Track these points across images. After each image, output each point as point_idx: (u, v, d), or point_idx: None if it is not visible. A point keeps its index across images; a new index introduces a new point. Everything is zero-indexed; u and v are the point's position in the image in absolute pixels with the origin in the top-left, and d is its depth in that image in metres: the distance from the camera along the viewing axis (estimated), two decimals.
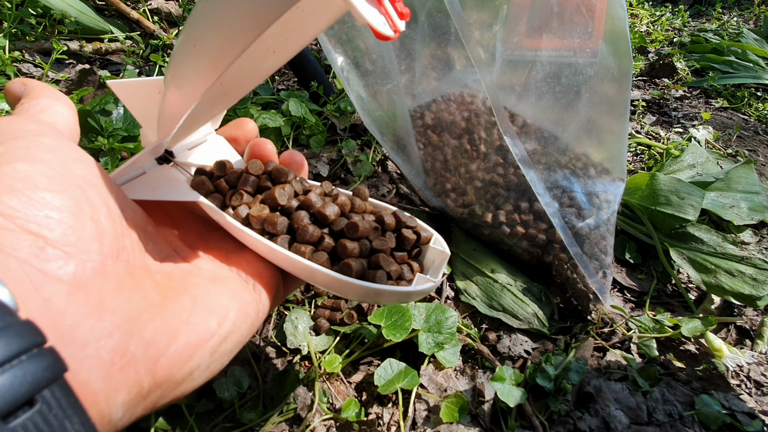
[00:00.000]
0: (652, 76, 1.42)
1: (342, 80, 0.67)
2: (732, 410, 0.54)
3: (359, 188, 0.38)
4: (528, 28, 0.62)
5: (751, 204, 0.81)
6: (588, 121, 0.66)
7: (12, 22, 0.96)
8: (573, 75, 0.63)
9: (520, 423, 0.51)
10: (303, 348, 0.54)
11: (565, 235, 0.61)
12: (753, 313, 0.68)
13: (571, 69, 0.63)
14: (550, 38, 0.61)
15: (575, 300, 0.63)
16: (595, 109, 0.65)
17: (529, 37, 0.62)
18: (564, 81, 0.63)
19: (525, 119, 0.69)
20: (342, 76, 0.66)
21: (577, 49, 0.62)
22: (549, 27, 0.61)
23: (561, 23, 0.61)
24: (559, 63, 0.63)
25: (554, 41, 0.61)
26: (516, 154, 0.61)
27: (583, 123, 0.66)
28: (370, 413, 0.50)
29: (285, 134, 0.83)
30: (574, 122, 0.66)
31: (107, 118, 0.71)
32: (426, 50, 0.69)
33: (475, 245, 0.69)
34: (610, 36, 0.60)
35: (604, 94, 0.65)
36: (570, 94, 0.64)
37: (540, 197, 0.61)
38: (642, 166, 0.98)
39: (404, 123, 0.73)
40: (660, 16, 1.96)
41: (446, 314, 0.55)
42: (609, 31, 0.60)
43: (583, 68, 0.62)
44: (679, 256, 0.70)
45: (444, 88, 0.75)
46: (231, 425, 0.48)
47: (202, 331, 0.24)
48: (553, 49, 0.61)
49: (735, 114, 1.25)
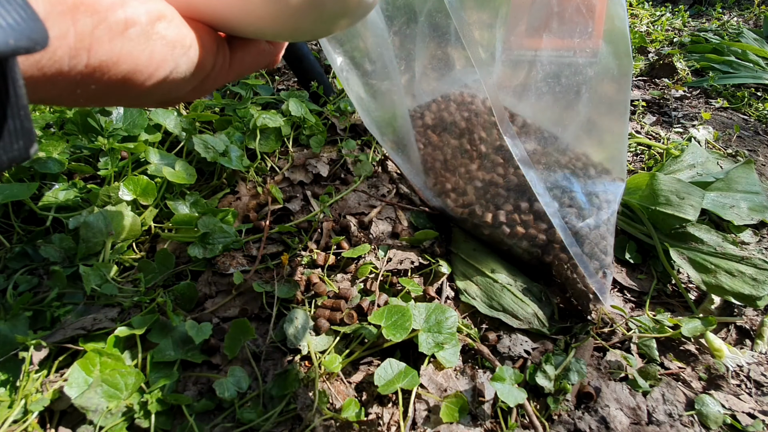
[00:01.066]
0: (652, 76, 1.42)
1: (342, 80, 0.67)
2: (732, 410, 0.54)
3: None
4: (528, 27, 0.62)
5: (751, 204, 0.81)
6: (588, 121, 0.66)
7: None
8: (573, 75, 0.63)
9: (520, 423, 0.51)
10: (303, 348, 0.54)
11: (565, 235, 0.61)
12: (753, 313, 0.68)
13: (571, 69, 0.62)
14: (550, 38, 0.61)
15: (575, 300, 0.63)
16: (595, 109, 0.65)
17: (529, 37, 0.62)
18: (564, 81, 0.63)
19: (525, 119, 0.69)
20: (341, 76, 0.66)
21: (577, 49, 0.62)
22: (549, 27, 0.61)
23: (561, 23, 0.61)
24: (559, 63, 0.63)
25: (554, 41, 0.61)
26: (516, 155, 0.61)
27: (583, 123, 0.66)
28: (370, 413, 0.50)
29: (285, 134, 0.83)
30: (574, 122, 0.66)
31: (107, 118, 0.72)
32: (426, 50, 0.69)
33: (475, 245, 0.69)
34: (610, 36, 0.60)
35: (604, 94, 0.65)
36: (570, 94, 0.63)
37: (540, 197, 0.61)
38: (642, 166, 0.98)
39: (404, 123, 0.73)
40: (660, 16, 1.96)
41: (446, 314, 0.55)
42: (609, 31, 0.60)
43: (583, 68, 0.62)
44: (679, 256, 0.70)
45: (444, 88, 0.75)
46: (231, 425, 0.48)
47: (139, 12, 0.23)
48: (553, 49, 0.61)
49: (735, 114, 1.25)
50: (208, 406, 0.49)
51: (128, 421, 0.46)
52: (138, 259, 0.63)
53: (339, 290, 0.63)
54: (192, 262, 0.64)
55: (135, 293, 0.58)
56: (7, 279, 0.57)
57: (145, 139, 0.73)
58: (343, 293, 0.62)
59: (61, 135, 0.71)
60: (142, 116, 0.74)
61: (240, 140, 0.79)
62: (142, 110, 0.75)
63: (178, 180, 0.66)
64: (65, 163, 0.66)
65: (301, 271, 0.65)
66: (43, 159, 0.65)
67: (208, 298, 0.61)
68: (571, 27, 0.60)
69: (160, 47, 0.25)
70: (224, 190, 0.75)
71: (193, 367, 0.53)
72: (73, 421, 0.47)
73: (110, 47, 0.22)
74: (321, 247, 0.68)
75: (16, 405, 0.46)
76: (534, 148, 0.66)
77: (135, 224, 0.64)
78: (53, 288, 0.56)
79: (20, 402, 0.46)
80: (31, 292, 0.57)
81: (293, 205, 0.74)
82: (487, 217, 0.67)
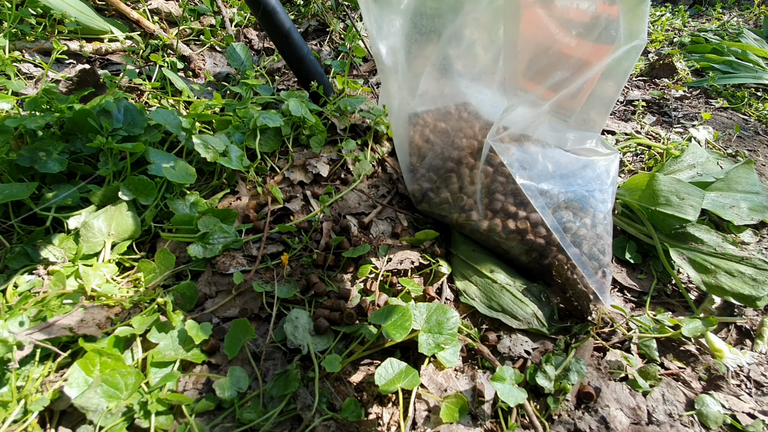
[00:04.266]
0: (652, 76, 1.42)
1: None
2: (732, 410, 0.54)
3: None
4: (527, 70, 0.63)
5: (751, 204, 0.81)
6: (585, 120, 0.67)
7: (12, 22, 0.96)
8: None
9: (520, 423, 0.51)
10: (303, 348, 0.54)
11: (561, 237, 0.61)
12: (753, 313, 0.68)
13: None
14: (542, 88, 0.62)
15: (575, 300, 0.63)
16: (596, 110, 0.65)
17: (525, 79, 0.63)
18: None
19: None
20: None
21: (558, 105, 0.64)
22: (543, 76, 0.62)
23: (556, 77, 0.61)
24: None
25: (545, 91, 0.62)
26: (506, 161, 0.61)
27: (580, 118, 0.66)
28: (370, 413, 0.50)
29: (285, 134, 0.83)
30: (573, 123, 0.66)
31: (107, 118, 0.71)
32: (431, 57, 0.69)
33: (474, 246, 0.69)
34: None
35: (602, 96, 0.65)
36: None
37: (533, 201, 0.61)
38: (642, 166, 0.98)
39: (402, 125, 0.73)
40: (660, 16, 1.96)
41: (447, 315, 0.55)
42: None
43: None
44: (679, 256, 0.70)
45: (445, 93, 0.75)
46: (231, 425, 0.48)
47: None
48: (543, 98, 0.63)
49: (735, 114, 1.25)
50: (208, 406, 0.49)
51: (128, 421, 0.46)
52: (138, 259, 0.63)
53: (339, 290, 0.63)
54: (192, 262, 0.64)
55: (135, 293, 0.58)
56: (7, 279, 0.57)
57: (145, 139, 0.73)
58: (343, 293, 0.62)
59: (61, 135, 0.71)
60: (142, 116, 0.74)
61: (240, 140, 0.79)
62: (142, 110, 0.75)
63: (178, 180, 0.66)
64: (65, 163, 0.66)
65: (301, 271, 0.65)
66: (43, 159, 0.65)
67: (208, 298, 0.61)
68: (560, 83, 0.61)
69: None
70: (224, 190, 0.75)
71: (193, 367, 0.53)
72: (73, 421, 0.47)
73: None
74: (321, 247, 0.68)
75: (13, 405, 0.46)
76: (530, 150, 0.66)
77: (135, 224, 0.64)
78: (53, 287, 0.56)
79: (20, 402, 0.46)
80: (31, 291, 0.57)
81: (293, 205, 0.74)
82: (484, 224, 0.67)
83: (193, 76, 1.03)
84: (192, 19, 1.22)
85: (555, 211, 0.64)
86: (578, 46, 0.58)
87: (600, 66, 0.58)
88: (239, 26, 1.24)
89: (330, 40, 1.28)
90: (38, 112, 0.73)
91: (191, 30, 1.18)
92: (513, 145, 0.65)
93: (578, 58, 0.59)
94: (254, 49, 1.20)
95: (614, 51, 0.57)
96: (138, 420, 0.46)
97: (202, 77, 1.04)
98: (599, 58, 0.58)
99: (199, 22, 1.23)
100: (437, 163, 0.72)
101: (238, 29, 1.21)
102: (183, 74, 1.03)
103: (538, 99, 0.61)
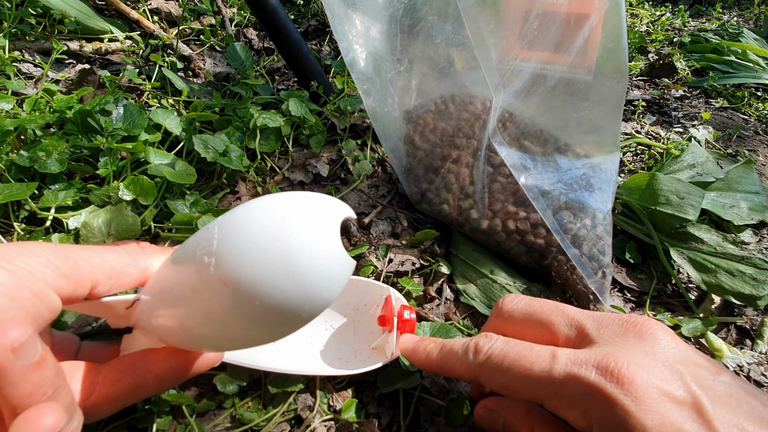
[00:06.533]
0: (652, 76, 1.42)
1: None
2: None
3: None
4: (521, 39, 0.62)
5: (751, 204, 0.81)
6: (587, 121, 0.67)
7: (12, 22, 0.96)
8: (567, 87, 0.63)
9: None
10: None
11: (561, 239, 0.61)
12: (753, 313, 0.68)
13: (566, 82, 0.63)
14: (545, 52, 0.61)
15: (575, 300, 0.63)
16: (596, 110, 0.65)
17: (523, 48, 0.62)
18: (559, 93, 0.64)
19: (523, 120, 0.68)
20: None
21: (571, 65, 0.62)
22: (544, 40, 0.61)
23: (555, 38, 0.61)
24: (554, 75, 0.63)
25: (549, 55, 0.61)
26: (507, 161, 0.61)
27: (583, 125, 0.66)
28: (370, 414, 0.50)
29: (285, 134, 0.83)
30: (573, 124, 0.66)
31: (107, 118, 0.71)
32: (425, 52, 0.69)
33: (475, 246, 0.69)
34: (604, 54, 0.61)
35: (602, 96, 0.65)
36: (567, 104, 0.64)
37: (535, 202, 0.61)
38: (642, 166, 0.98)
39: (394, 128, 0.73)
40: (660, 16, 1.96)
41: (450, 335, 0.55)
42: (604, 48, 0.61)
43: (579, 83, 0.63)
44: (679, 255, 0.70)
45: (441, 90, 0.75)
46: (231, 425, 0.48)
47: None
48: (549, 63, 0.62)
49: (735, 114, 1.25)
50: (209, 406, 0.49)
51: (128, 421, 0.46)
52: None
53: None
54: None
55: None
56: None
57: (145, 139, 0.73)
58: None
59: (61, 135, 0.71)
60: (142, 116, 0.74)
61: (240, 140, 0.79)
62: (142, 110, 0.75)
63: (178, 180, 0.66)
64: (65, 163, 0.66)
65: None
66: (43, 159, 0.65)
67: None
68: (568, 43, 0.61)
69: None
70: (224, 190, 0.75)
71: None
72: None
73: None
74: None
75: None
76: (530, 150, 0.66)
77: (135, 224, 0.64)
78: None
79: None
80: None
81: None
82: (484, 224, 0.67)
83: (193, 76, 1.03)
84: (192, 19, 1.22)
85: (556, 212, 0.64)
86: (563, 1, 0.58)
87: (598, 14, 0.57)
88: (239, 26, 1.24)
89: (330, 40, 1.28)
90: (38, 112, 0.73)
91: (191, 30, 1.18)
92: (514, 145, 0.65)
93: (569, 13, 0.58)
94: (254, 49, 1.20)
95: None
96: (138, 420, 0.46)
97: (202, 77, 1.04)
98: (591, 7, 0.57)
99: (199, 22, 1.23)
100: (436, 163, 0.72)
101: (238, 29, 1.21)
102: (183, 74, 1.03)
103: (545, 65, 0.60)
